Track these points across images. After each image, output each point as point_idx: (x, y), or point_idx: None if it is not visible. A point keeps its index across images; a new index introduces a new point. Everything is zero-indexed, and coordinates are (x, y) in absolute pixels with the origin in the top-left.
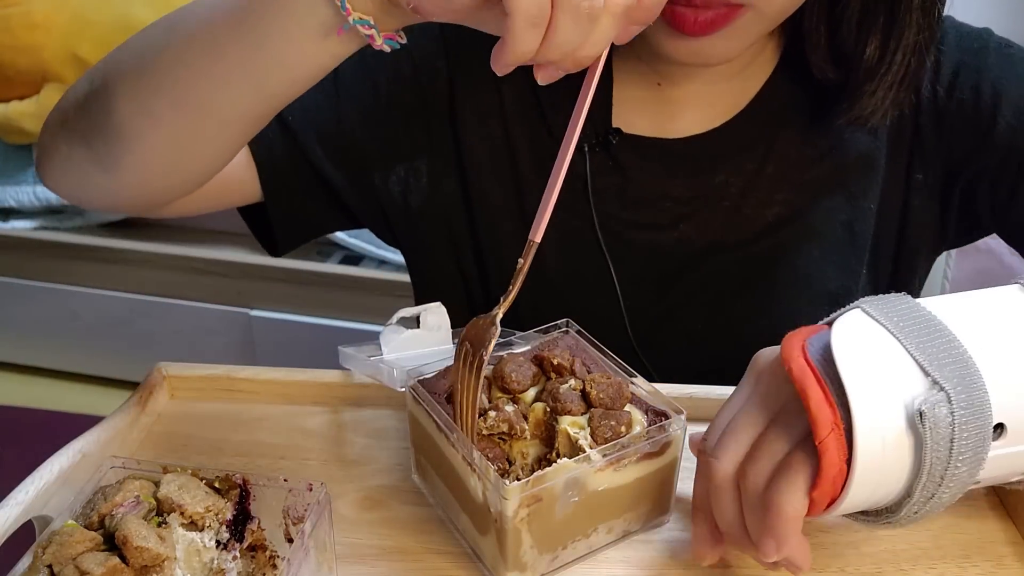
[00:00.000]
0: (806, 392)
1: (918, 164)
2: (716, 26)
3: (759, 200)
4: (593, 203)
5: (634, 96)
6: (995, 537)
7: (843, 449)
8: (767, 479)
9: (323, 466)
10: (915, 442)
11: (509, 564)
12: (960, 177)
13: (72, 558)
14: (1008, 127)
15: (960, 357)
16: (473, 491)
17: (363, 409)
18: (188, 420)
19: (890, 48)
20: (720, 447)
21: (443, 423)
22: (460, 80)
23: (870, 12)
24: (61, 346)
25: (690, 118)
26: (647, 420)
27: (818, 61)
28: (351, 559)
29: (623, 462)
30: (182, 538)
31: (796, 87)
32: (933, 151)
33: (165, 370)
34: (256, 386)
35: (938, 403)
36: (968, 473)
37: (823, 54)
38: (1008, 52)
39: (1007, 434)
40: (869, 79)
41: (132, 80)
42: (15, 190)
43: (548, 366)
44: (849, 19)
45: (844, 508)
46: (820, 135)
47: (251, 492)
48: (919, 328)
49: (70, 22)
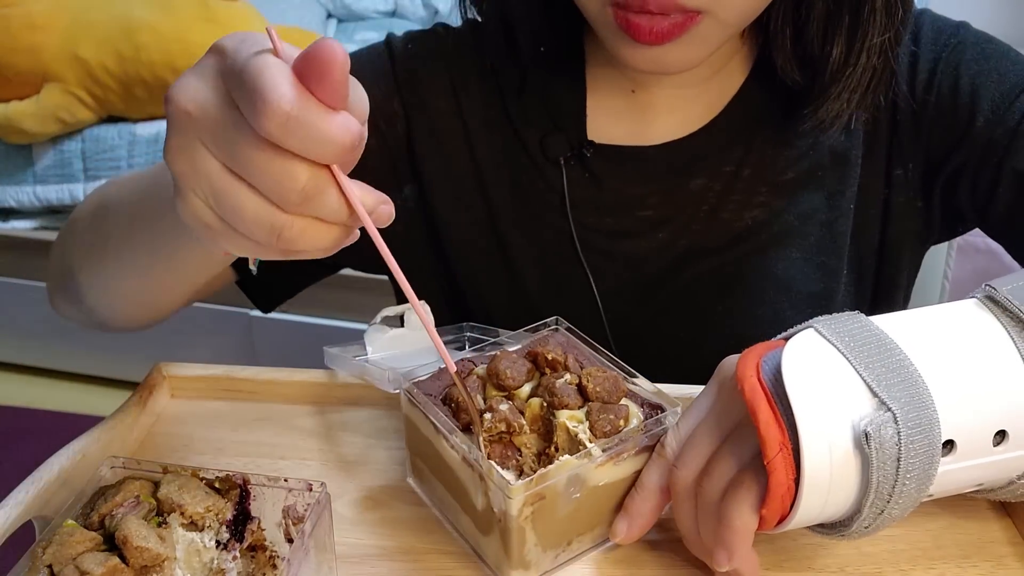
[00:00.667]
0: (756, 413)
1: (897, 160)
2: (672, 35)
3: (737, 203)
4: (571, 216)
5: (608, 105)
6: (995, 537)
7: (791, 469)
8: (720, 493)
9: (323, 466)
10: (862, 462)
11: (513, 563)
12: (941, 172)
13: (72, 558)
14: (986, 122)
15: (910, 377)
16: (475, 491)
17: (363, 409)
18: (188, 420)
19: (855, 50)
20: (680, 458)
21: (441, 425)
22: (416, 117)
23: (834, 13)
24: (61, 346)
25: (665, 124)
26: (643, 414)
27: (784, 64)
28: (351, 559)
29: (622, 456)
30: (182, 538)
31: (770, 90)
32: (912, 147)
33: (165, 370)
34: (256, 386)
35: (884, 424)
36: (917, 490)
37: (788, 57)
38: (985, 47)
39: (957, 451)
40: (834, 82)
41: (81, 261)
42: (15, 190)
43: (542, 361)
44: (813, 21)
45: (794, 524)
46: (796, 136)
47: (251, 492)
48: (870, 348)
49: (70, 22)
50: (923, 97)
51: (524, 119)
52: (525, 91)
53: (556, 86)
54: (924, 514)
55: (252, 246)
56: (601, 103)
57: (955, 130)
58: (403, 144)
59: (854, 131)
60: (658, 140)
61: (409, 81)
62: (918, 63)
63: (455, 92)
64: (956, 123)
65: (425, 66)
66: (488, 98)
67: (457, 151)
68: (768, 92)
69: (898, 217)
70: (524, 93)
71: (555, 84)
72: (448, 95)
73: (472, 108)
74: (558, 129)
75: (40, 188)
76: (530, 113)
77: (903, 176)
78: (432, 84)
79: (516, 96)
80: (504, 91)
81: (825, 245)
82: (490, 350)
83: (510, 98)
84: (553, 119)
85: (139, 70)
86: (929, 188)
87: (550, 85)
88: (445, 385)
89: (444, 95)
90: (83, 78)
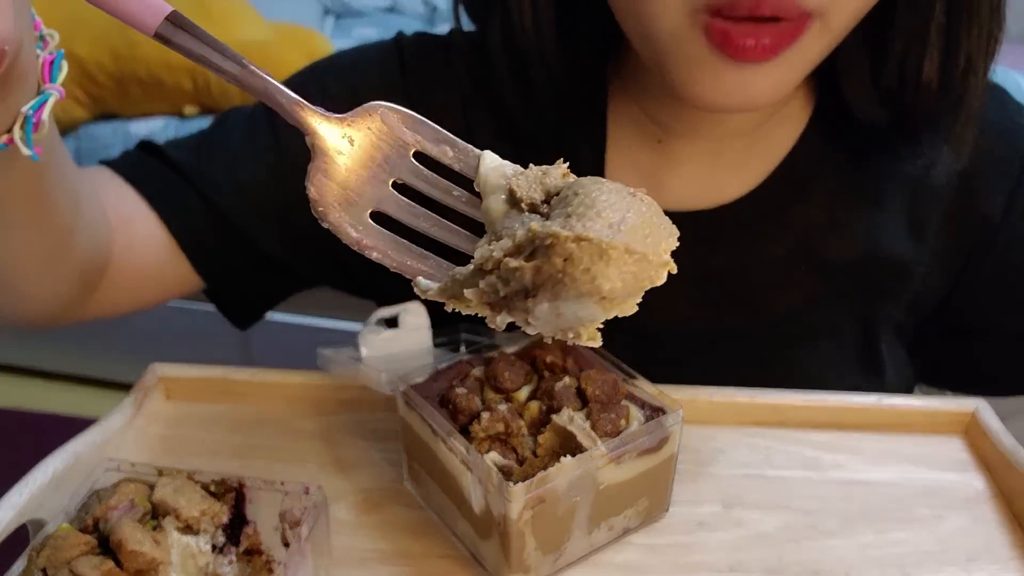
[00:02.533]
0: None
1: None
2: (778, 48)
3: (769, 284)
4: None
5: (629, 161)
6: (1001, 540)
7: None
8: None
9: (320, 469)
10: None
11: (513, 567)
12: None
13: (66, 562)
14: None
15: None
16: (473, 495)
17: (360, 411)
18: (184, 422)
19: (957, 64)
20: None
21: (438, 427)
22: None
23: (920, 20)
24: (56, 347)
25: (693, 186)
26: (644, 416)
27: (860, 99)
28: (349, 563)
29: (623, 458)
30: (177, 542)
31: (827, 147)
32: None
33: (160, 371)
34: (253, 388)
35: None
36: None
37: (866, 87)
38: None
39: None
40: (938, 108)
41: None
42: None
43: (541, 364)
44: (897, 37)
45: None
46: (850, 206)
47: (247, 495)
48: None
49: (66, 22)
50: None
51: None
52: (538, 139)
53: (572, 132)
54: (931, 518)
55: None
56: (622, 158)
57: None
58: None
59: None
60: (683, 206)
61: (420, 96)
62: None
63: (466, 117)
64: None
65: (438, 82)
66: (499, 133)
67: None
68: (824, 152)
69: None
70: (537, 139)
71: (571, 130)
72: (459, 118)
73: (484, 139)
74: None
75: None
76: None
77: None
78: (443, 107)
79: (529, 143)
80: (517, 134)
81: (862, 343)
82: (486, 352)
83: (524, 143)
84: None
85: (134, 68)
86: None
87: (565, 130)
88: (442, 387)
89: (455, 117)
90: (78, 75)
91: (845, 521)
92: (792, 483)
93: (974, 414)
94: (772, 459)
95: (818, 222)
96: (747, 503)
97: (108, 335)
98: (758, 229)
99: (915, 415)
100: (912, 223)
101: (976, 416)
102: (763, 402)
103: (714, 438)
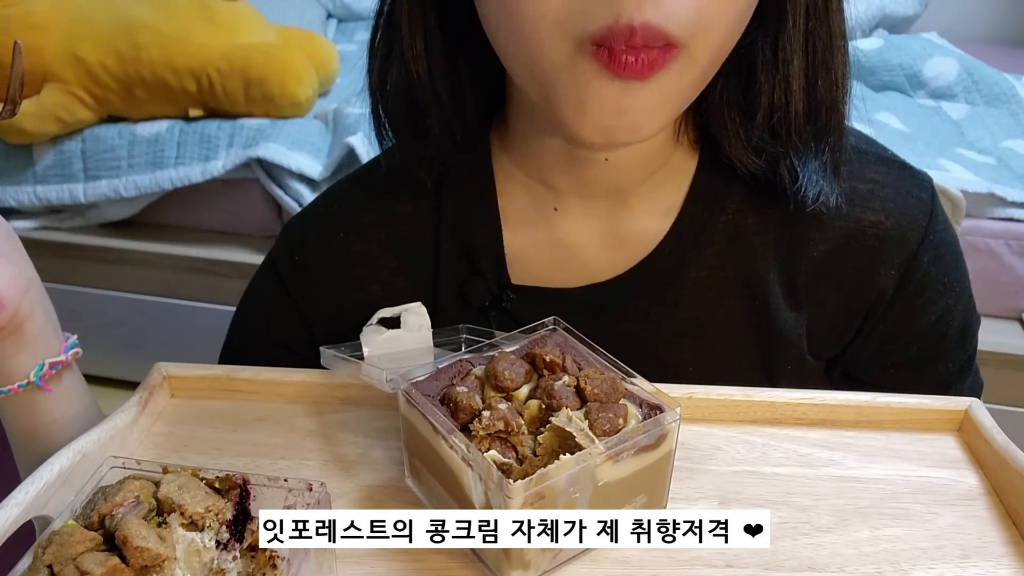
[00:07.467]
0: None
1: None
2: (656, 65)
3: (669, 344)
4: None
5: (526, 239)
6: (994, 537)
7: None
8: None
9: (323, 466)
10: None
11: (513, 563)
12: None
13: (72, 558)
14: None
15: None
16: (474, 492)
17: (363, 409)
18: (188, 420)
19: (821, 108)
20: None
21: (439, 425)
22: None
23: (782, 75)
24: None
25: (588, 261)
26: (642, 414)
27: (737, 150)
28: (351, 559)
29: (622, 455)
30: (182, 538)
31: (713, 208)
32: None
33: (165, 370)
34: (256, 386)
35: None
36: None
37: (740, 139)
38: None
39: None
40: (809, 145)
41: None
42: (15, 190)
43: (540, 363)
44: (763, 92)
45: None
46: (736, 263)
47: (251, 492)
48: None
49: (70, 22)
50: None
51: (445, 263)
52: (441, 228)
53: (469, 208)
54: (925, 514)
55: None
56: (519, 236)
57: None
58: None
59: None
60: (580, 282)
61: (320, 272)
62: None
63: (376, 269)
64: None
65: (332, 258)
66: (408, 247)
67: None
68: (708, 215)
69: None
70: (440, 232)
71: (468, 205)
72: (373, 266)
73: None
74: (476, 273)
75: (40, 188)
76: (450, 257)
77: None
78: (354, 257)
79: (433, 248)
80: (419, 232)
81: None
82: (486, 351)
83: (425, 246)
84: (470, 260)
85: (139, 70)
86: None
87: (463, 208)
88: (443, 385)
89: (371, 267)
90: (83, 78)
91: (839, 518)
92: (787, 480)
93: (967, 412)
94: (767, 456)
95: (712, 283)
96: (743, 499)
97: (113, 334)
98: (651, 296)
99: (909, 413)
100: (788, 286)
101: (969, 413)
102: (759, 400)
103: (711, 436)
